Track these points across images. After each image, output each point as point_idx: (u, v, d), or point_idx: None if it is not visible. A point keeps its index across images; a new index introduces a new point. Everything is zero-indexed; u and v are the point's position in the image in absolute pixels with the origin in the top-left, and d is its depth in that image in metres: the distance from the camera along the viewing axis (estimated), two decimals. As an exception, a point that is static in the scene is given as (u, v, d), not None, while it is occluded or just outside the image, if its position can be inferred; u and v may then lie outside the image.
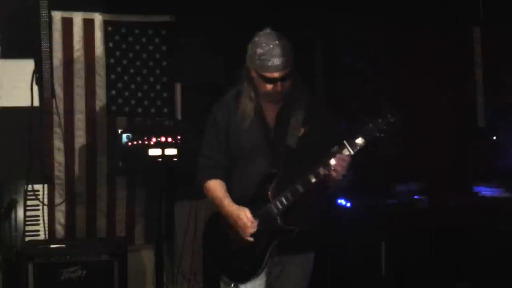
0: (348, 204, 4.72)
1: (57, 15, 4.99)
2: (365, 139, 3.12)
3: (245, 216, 3.22)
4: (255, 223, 3.23)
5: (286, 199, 3.21)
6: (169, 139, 4.69)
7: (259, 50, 3.17)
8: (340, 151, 3.13)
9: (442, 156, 5.34)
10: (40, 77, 3.81)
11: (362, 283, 4.64)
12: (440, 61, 5.36)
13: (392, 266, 4.59)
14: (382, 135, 3.12)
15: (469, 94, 5.53)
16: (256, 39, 3.22)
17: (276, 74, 3.17)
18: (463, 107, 5.52)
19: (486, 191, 5.07)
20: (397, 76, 5.32)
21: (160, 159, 4.67)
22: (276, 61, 3.14)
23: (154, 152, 4.67)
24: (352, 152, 3.12)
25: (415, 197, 4.90)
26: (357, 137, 3.12)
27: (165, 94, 5.22)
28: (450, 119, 5.45)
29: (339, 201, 4.75)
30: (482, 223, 4.71)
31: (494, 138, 5.40)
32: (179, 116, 5.24)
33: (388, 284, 4.61)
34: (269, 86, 3.21)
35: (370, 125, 3.13)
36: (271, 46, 3.15)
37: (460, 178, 5.29)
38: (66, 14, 5.04)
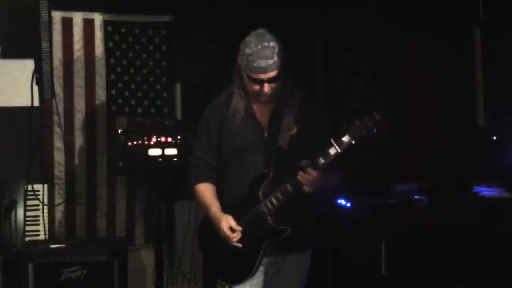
0: (348, 204, 4.72)
1: (57, 15, 4.99)
2: (352, 138, 3.12)
3: (225, 227, 3.23)
4: (237, 232, 3.23)
5: (276, 199, 3.21)
6: (169, 139, 4.69)
7: (247, 50, 3.17)
8: (314, 162, 3.14)
9: (442, 156, 5.34)
10: (40, 77, 3.79)
11: (362, 283, 4.63)
12: (440, 61, 5.36)
13: (392, 266, 4.59)
14: (369, 133, 3.12)
15: (469, 94, 5.53)
16: (247, 38, 3.22)
17: (262, 76, 3.18)
18: (463, 107, 5.51)
19: (486, 191, 5.07)
20: (397, 76, 5.32)
21: (160, 159, 4.68)
22: (263, 63, 3.14)
23: (154, 152, 4.68)
24: (339, 150, 3.12)
25: (415, 197, 4.89)
26: (344, 136, 3.13)
27: (165, 94, 5.22)
28: (450, 119, 5.45)
29: (339, 201, 4.75)
30: (482, 223, 4.70)
31: (494, 138, 5.40)
32: (179, 116, 5.25)
33: (388, 284, 4.60)
34: (256, 87, 3.22)
35: (357, 123, 3.13)
36: (259, 47, 3.15)
37: (460, 178, 5.28)
38: (66, 14, 5.04)
